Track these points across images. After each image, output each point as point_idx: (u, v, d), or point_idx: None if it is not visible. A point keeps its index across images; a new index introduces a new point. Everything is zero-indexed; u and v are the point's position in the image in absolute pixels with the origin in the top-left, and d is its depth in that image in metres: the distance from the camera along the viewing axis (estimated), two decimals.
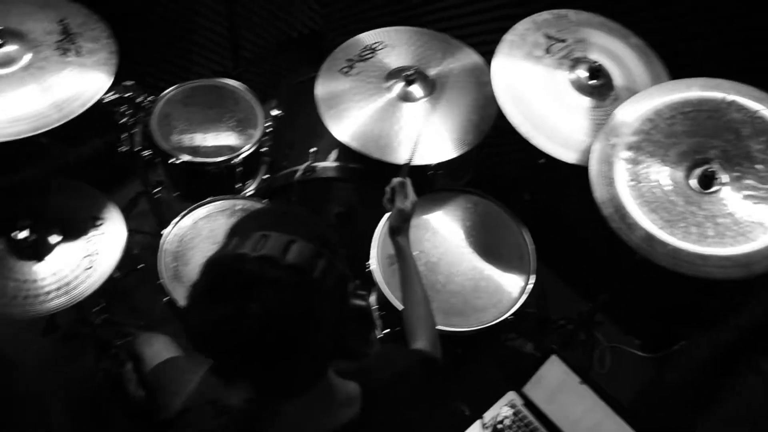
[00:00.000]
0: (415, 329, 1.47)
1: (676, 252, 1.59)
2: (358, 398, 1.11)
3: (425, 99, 2.11)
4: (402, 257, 1.57)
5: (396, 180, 1.64)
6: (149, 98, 2.17)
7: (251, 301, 0.87)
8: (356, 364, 1.22)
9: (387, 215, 1.62)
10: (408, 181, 1.63)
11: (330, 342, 0.97)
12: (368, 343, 1.04)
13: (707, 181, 1.65)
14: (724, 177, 1.66)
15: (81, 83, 1.81)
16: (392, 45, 2.24)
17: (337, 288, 0.95)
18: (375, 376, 1.19)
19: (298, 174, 2.19)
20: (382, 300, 2.01)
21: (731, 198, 1.65)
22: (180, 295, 1.93)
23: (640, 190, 1.67)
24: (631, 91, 1.91)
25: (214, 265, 0.93)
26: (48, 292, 1.81)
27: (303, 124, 2.35)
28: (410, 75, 2.09)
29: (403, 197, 1.61)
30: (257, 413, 1.08)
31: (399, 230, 1.58)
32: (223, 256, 0.93)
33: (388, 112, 2.07)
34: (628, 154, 1.72)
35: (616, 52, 2.02)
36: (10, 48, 1.80)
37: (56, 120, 1.74)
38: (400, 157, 1.96)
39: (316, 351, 0.96)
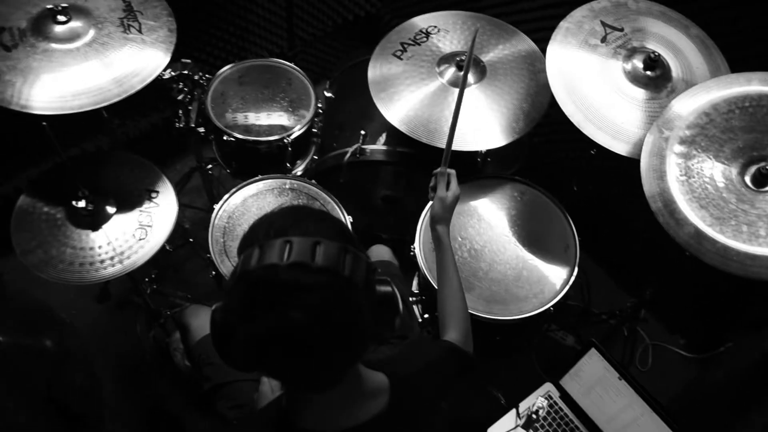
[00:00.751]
0: (448, 320, 1.47)
1: (726, 250, 1.55)
2: (386, 390, 1.12)
3: (475, 84, 2.10)
4: (440, 247, 1.57)
5: (439, 169, 1.63)
6: (205, 76, 2.22)
7: (292, 310, 0.89)
8: (385, 355, 1.24)
9: (430, 203, 1.62)
10: (452, 172, 1.62)
11: (366, 333, 0.99)
12: (394, 328, 1.05)
13: (762, 180, 1.60)
14: None
15: (141, 59, 1.86)
16: (446, 29, 2.23)
17: (366, 280, 0.96)
18: (403, 368, 1.20)
19: (347, 156, 2.21)
20: (425, 284, 2.03)
21: None
22: (227, 270, 1.98)
23: (691, 186, 1.63)
24: (689, 84, 1.86)
25: (243, 282, 0.93)
26: (102, 261, 1.88)
27: (354, 107, 2.37)
28: (462, 60, 2.07)
29: (444, 187, 1.60)
30: (288, 404, 1.10)
31: (440, 220, 1.57)
32: (253, 271, 0.91)
33: (439, 97, 2.07)
34: (680, 148, 1.68)
35: (675, 42, 1.96)
36: (76, 24, 1.85)
37: (116, 95, 1.79)
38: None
39: (355, 344, 0.99)
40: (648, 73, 1.89)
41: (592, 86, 1.89)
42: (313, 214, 1.03)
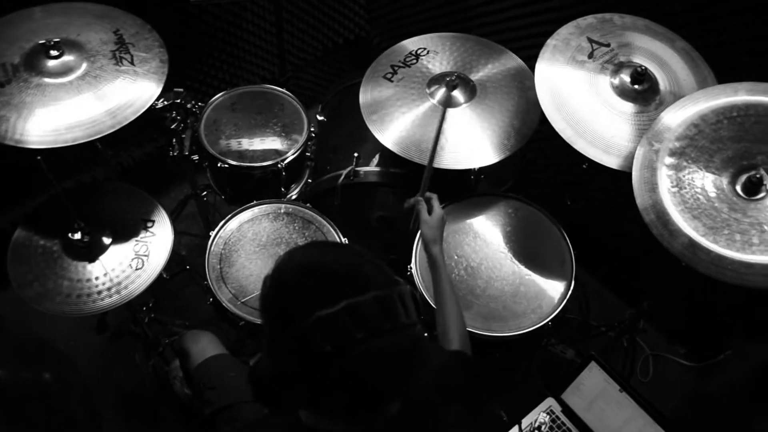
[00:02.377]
0: (448, 334, 1.49)
1: (720, 260, 1.56)
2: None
3: (466, 105, 2.12)
4: (435, 268, 1.60)
5: (415, 197, 1.73)
6: (198, 104, 2.24)
7: (369, 378, 0.94)
8: None
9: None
10: (433, 196, 1.71)
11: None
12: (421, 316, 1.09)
13: (753, 188, 1.61)
14: None
15: (134, 91, 1.88)
16: (436, 51, 2.26)
17: (417, 314, 0.99)
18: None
19: (341, 178, 2.22)
20: (423, 303, 2.03)
21: None
22: (225, 296, 1.98)
23: (683, 197, 1.65)
24: (677, 96, 1.88)
25: (319, 361, 0.92)
26: (100, 292, 1.89)
27: (346, 129, 2.38)
28: (452, 80, 2.10)
29: (426, 212, 1.67)
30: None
31: (431, 242, 1.62)
32: (325, 353, 0.91)
33: (430, 117, 2.08)
34: (671, 160, 1.70)
35: (661, 56, 1.99)
36: (68, 58, 1.87)
37: (110, 126, 1.80)
38: (442, 161, 1.98)
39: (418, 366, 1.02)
40: (636, 87, 1.92)
41: (581, 101, 1.92)
42: (354, 259, 1.02)
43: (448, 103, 2.09)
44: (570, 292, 1.98)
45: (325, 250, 1.07)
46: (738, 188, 1.64)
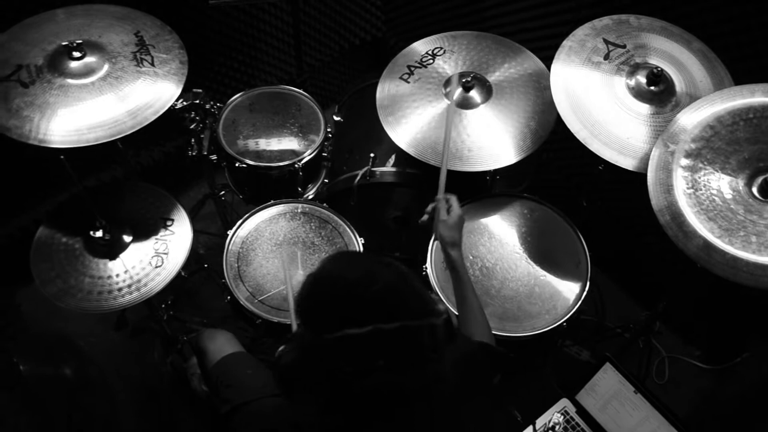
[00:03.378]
0: (473, 332, 1.50)
1: (735, 261, 1.56)
2: None
3: (482, 104, 2.12)
4: (455, 272, 1.59)
5: (437, 197, 1.70)
6: (217, 105, 2.27)
7: (393, 411, 0.98)
8: None
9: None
10: (452, 196, 1.68)
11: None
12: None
13: None
14: None
15: (154, 92, 1.91)
16: (452, 50, 2.27)
17: (447, 338, 1.01)
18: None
19: (358, 179, 2.24)
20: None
21: None
22: (242, 294, 2.00)
23: (698, 198, 1.64)
24: (693, 97, 1.88)
25: (338, 383, 0.95)
26: (120, 289, 1.92)
27: (363, 130, 2.40)
28: (468, 81, 2.10)
29: (445, 212, 1.65)
30: None
31: (450, 243, 1.60)
32: (347, 373, 0.94)
33: (446, 118, 2.09)
34: (686, 161, 1.69)
35: (677, 57, 1.98)
36: (90, 59, 1.91)
37: (131, 127, 1.84)
38: (457, 164, 1.99)
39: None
40: (652, 88, 1.92)
41: (597, 103, 1.92)
42: (391, 283, 1.00)
43: (463, 104, 2.10)
44: (585, 294, 1.98)
45: (371, 267, 1.03)
46: (754, 190, 1.64)
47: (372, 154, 2.24)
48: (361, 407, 0.97)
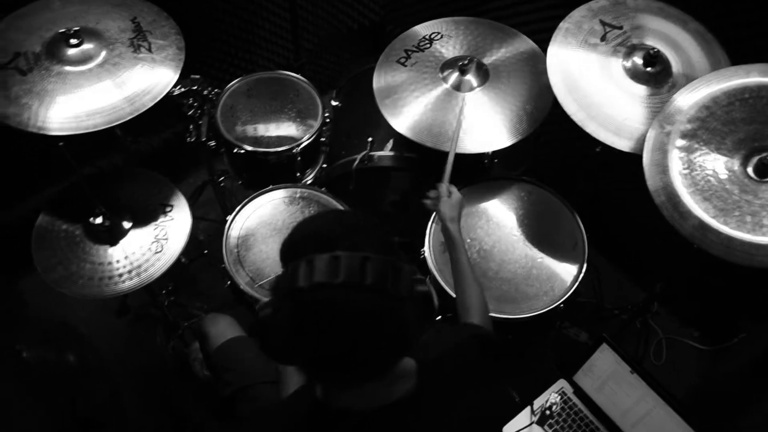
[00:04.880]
0: (469, 308, 1.53)
1: (730, 241, 1.57)
2: (414, 372, 1.16)
3: (479, 88, 2.13)
4: (453, 245, 1.63)
5: (439, 185, 1.75)
6: (214, 91, 2.27)
7: (343, 330, 0.95)
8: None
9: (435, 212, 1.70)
10: (451, 186, 1.75)
11: (412, 337, 1.04)
12: (432, 323, 1.11)
13: (765, 170, 1.61)
14: None
15: (152, 78, 1.91)
16: (449, 35, 2.27)
17: (411, 290, 1.00)
18: (430, 351, 1.25)
19: (356, 163, 2.25)
20: (435, 287, 2.06)
21: None
22: (242, 279, 2.02)
23: (694, 179, 1.65)
24: (690, 78, 1.87)
25: (297, 301, 0.96)
26: (121, 274, 1.94)
27: (361, 114, 2.41)
28: (464, 64, 2.11)
29: (447, 193, 1.71)
30: (324, 388, 1.15)
31: (451, 219, 1.65)
32: (303, 290, 0.94)
33: (443, 101, 2.10)
34: (682, 142, 1.70)
35: (674, 38, 1.98)
36: (88, 46, 1.90)
37: (129, 113, 1.84)
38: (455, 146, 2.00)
39: (402, 350, 1.05)
40: (648, 69, 1.92)
41: (594, 85, 1.92)
42: (357, 224, 1.05)
43: (460, 87, 2.10)
44: (582, 275, 1.99)
45: (350, 212, 1.10)
46: (749, 170, 1.64)
47: (370, 139, 2.25)
48: (317, 324, 0.96)
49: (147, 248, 1.98)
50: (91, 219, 1.94)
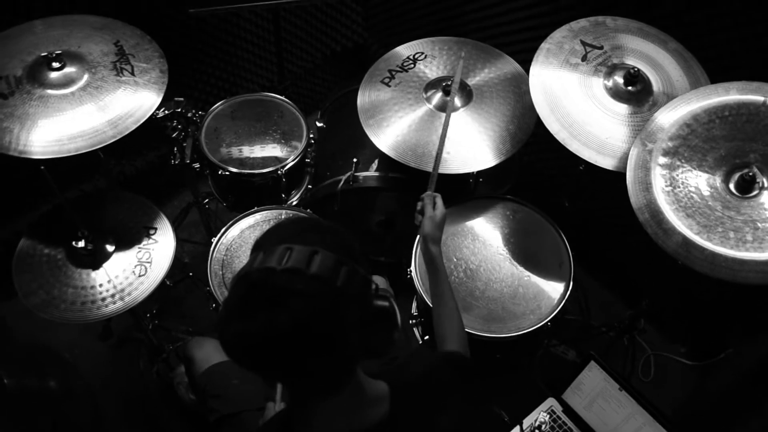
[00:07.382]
0: (445, 336, 1.50)
1: (714, 257, 1.58)
2: (386, 397, 1.15)
3: (462, 108, 2.14)
4: (433, 266, 1.61)
5: (426, 193, 1.72)
6: (198, 113, 2.27)
7: (281, 312, 0.94)
8: (387, 366, 1.27)
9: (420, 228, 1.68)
10: (437, 195, 1.72)
11: (357, 342, 1.02)
12: (392, 342, 1.09)
13: (746, 186, 1.63)
14: (764, 181, 1.64)
15: (135, 101, 1.91)
16: (433, 55, 2.29)
17: (360, 292, 1.01)
18: (404, 376, 1.24)
19: (341, 184, 2.25)
20: (423, 306, 2.06)
21: None
22: None
23: (677, 196, 1.67)
24: (670, 97, 1.90)
25: (243, 281, 0.99)
26: (104, 298, 1.91)
27: (345, 135, 2.41)
28: (448, 85, 2.12)
29: (432, 208, 1.68)
30: (292, 414, 1.13)
31: (432, 239, 1.62)
32: (251, 272, 0.98)
33: (427, 122, 2.11)
34: (664, 159, 1.71)
35: (654, 57, 2.01)
36: (70, 69, 1.90)
37: (111, 136, 1.83)
38: (440, 166, 2.00)
39: (345, 352, 1.02)
40: (629, 88, 1.94)
41: (576, 104, 1.94)
42: (319, 226, 1.09)
43: (445, 108, 2.11)
44: (569, 293, 1.99)
45: (315, 218, 1.12)
46: (731, 186, 1.66)
47: (355, 159, 2.25)
48: (259, 301, 0.96)
49: (130, 271, 1.95)
50: (74, 242, 1.92)
